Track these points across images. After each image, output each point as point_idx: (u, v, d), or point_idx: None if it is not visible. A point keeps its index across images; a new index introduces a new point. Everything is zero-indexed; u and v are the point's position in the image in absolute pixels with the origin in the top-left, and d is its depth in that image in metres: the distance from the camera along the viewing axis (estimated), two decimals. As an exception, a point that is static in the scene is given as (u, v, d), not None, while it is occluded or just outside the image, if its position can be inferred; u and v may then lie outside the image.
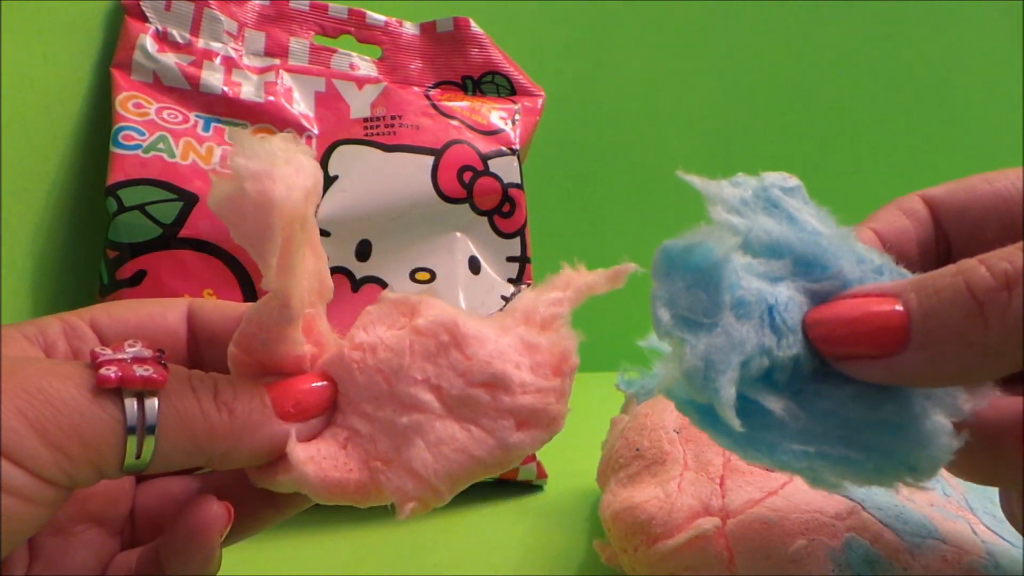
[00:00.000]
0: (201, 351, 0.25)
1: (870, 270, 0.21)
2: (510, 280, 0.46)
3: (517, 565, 0.36)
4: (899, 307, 0.19)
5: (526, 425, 0.23)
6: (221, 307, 0.26)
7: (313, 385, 0.23)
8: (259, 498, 0.25)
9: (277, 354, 0.23)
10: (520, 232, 0.46)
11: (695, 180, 0.22)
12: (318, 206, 0.24)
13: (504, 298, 0.45)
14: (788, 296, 0.20)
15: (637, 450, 0.33)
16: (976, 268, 0.19)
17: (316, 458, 0.23)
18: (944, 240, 0.27)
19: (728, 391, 0.19)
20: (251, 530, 0.25)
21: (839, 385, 0.20)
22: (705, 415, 0.20)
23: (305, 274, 0.23)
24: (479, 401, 0.23)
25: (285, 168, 0.20)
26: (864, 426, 0.20)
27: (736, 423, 0.19)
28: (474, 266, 0.45)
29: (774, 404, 0.20)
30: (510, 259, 0.46)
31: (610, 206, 0.63)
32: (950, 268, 0.19)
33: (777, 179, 0.23)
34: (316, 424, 0.23)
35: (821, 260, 0.21)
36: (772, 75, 0.64)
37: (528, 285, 0.46)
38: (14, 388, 0.19)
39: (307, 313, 0.24)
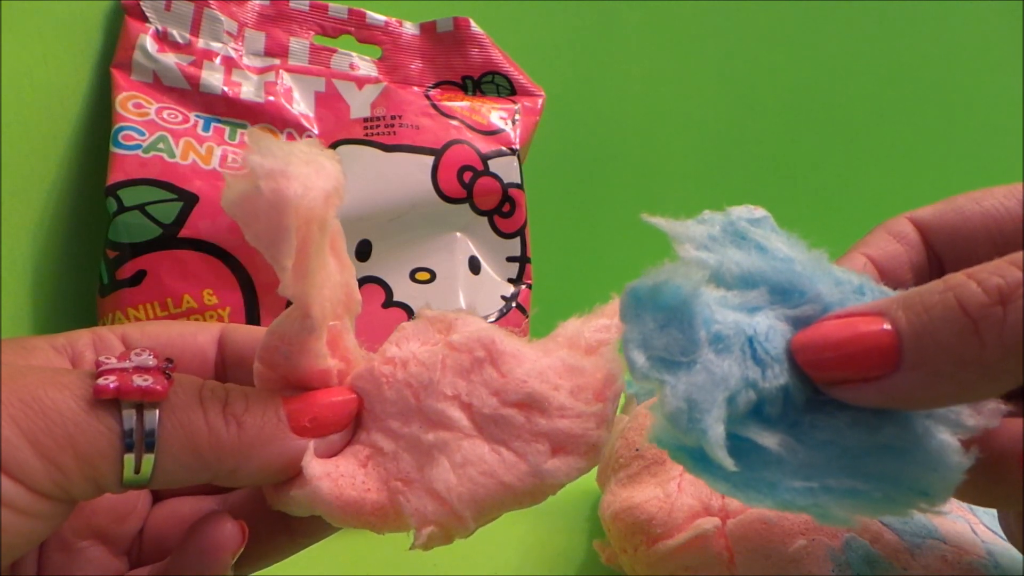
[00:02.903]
0: (229, 374, 0.25)
1: (850, 291, 0.21)
2: (510, 280, 0.46)
3: (517, 565, 0.36)
4: (887, 326, 0.18)
5: (562, 451, 0.21)
6: (253, 332, 0.25)
7: (334, 399, 0.22)
8: (273, 522, 0.23)
9: (300, 368, 0.22)
10: (520, 232, 0.46)
11: (660, 222, 0.21)
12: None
13: (504, 298, 0.45)
14: (768, 325, 0.20)
15: (637, 450, 0.33)
16: (966, 284, 0.18)
17: (333, 475, 0.21)
18: (937, 263, 0.27)
19: (716, 430, 0.18)
20: (263, 558, 0.24)
21: (834, 413, 0.20)
22: (698, 460, 0.19)
23: (327, 283, 0.21)
24: (512, 422, 0.21)
25: (303, 168, 0.19)
26: (866, 453, 0.19)
27: (728, 462, 0.18)
28: (474, 266, 0.45)
29: (768, 440, 0.19)
30: (510, 259, 0.46)
31: (610, 206, 0.63)
32: (937, 284, 0.19)
33: (743, 212, 0.22)
34: (336, 440, 0.22)
35: (797, 285, 0.20)
36: (772, 76, 0.64)
37: (528, 285, 0.47)
38: (9, 396, 0.18)
39: (332, 326, 0.22)
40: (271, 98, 0.43)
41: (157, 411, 0.19)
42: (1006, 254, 0.25)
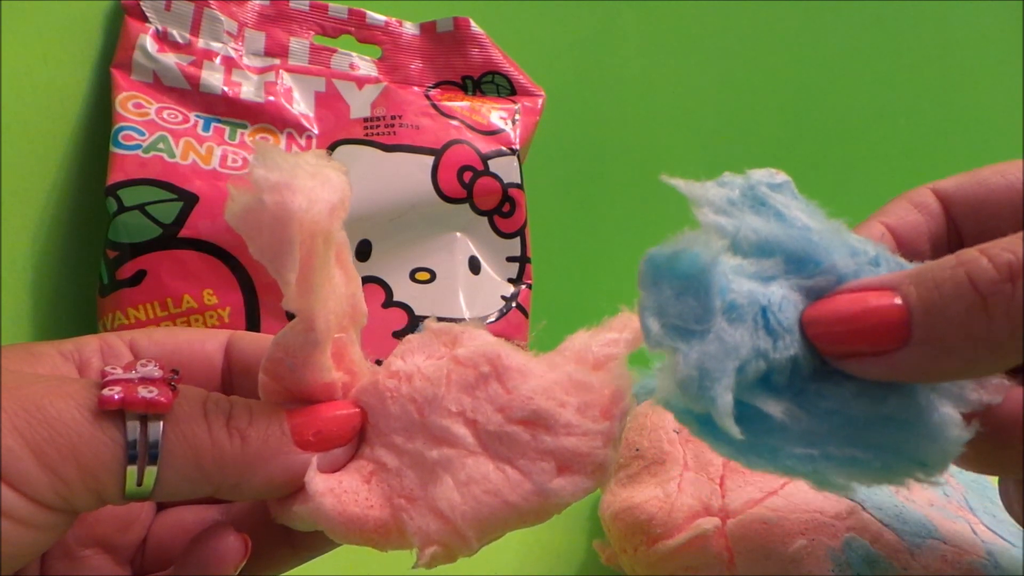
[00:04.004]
0: (235, 382, 0.24)
1: (866, 262, 0.20)
2: (510, 280, 0.46)
3: (517, 565, 0.36)
4: (898, 300, 0.18)
5: (568, 470, 0.21)
6: (259, 339, 0.25)
7: (337, 413, 0.22)
8: (276, 535, 0.23)
9: (305, 381, 0.21)
10: (520, 232, 0.46)
11: (679, 183, 0.21)
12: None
13: (504, 298, 0.45)
14: (782, 295, 0.20)
15: (637, 450, 0.33)
16: (978, 259, 0.18)
17: (336, 490, 0.21)
18: (956, 235, 0.26)
19: (725, 399, 0.18)
20: (265, 570, 0.24)
21: (840, 383, 0.20)
22: (704, 424, 0.19)
23: (332, 296, 0.21)
24: (517, 440, 0.21)
25: (308, 181, 0.19)
26: (869, 423, 0.19)
27: (735, 431, 0.18)
28: (474, 266, 0.45)
29: (774, 408, 0.19)
30: (510, 259, 0.46)
31: (610, 206, 0.63)
32: (949, 259, 0.18)
33: (764, 176, 0.22)
34: (340, 455, 0.22)
35: (813, 255, 0.20)
36: (772, 75, 0.64)
37: (528, 285, 0.47)
38: (13, 406, 0.18)
39: (338, 338, 0.22)
40: (271, 98, 0.43)
41: (161, 423, 0.19)
42: None
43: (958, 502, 0.31)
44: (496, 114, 0.47)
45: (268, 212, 0.18)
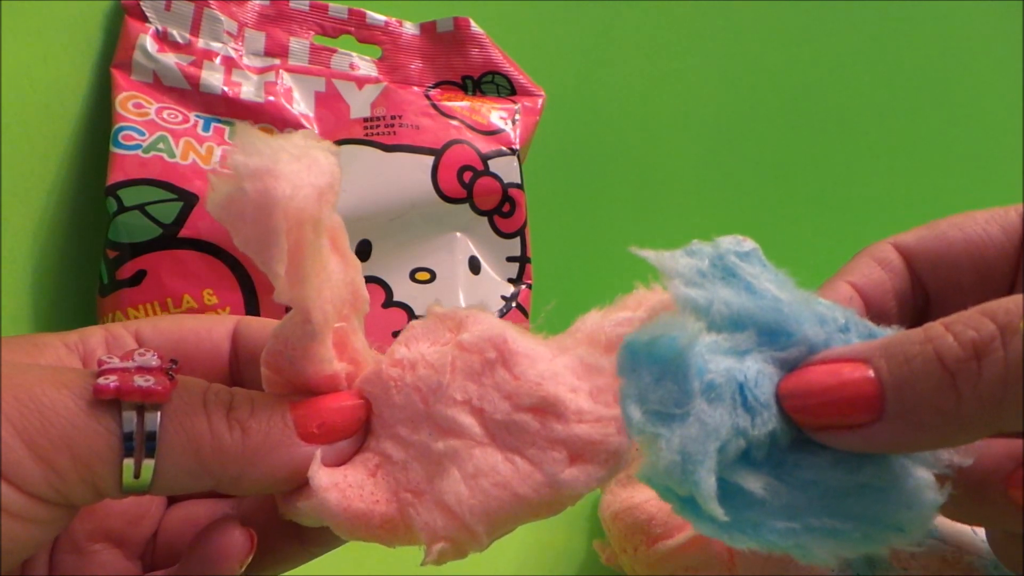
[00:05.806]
0: (243, 369, 0.24)
1: (835, 330, 0.21)
2: (510, 280, 0.46)
3: (517, 565, 0.36)
4: (870, 373, 0.19)
5: (580, 459, 0.20)
6: (267, 325, 0.24)
7: (342, 404, 0.21)
8: (285, 530, 0.23)
9: (305, 373, 0.21)
10: (520, 232, 0.46)
11: (649, 254, 0.21)
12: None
13: (504, 298, 0.45)
14: (757, 370, 0.20)
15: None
16: (943, 336, 0.18)
17: (341, 485, 0.20)
18: (921, 289, 0.27)
19: (708, 482, 0.18)
20: (274, 566, 0.23)
21: (817, 453, 0.20)
22: (686, 504, 0.19)
23: (328, 284, 0.20)
24: (526, 428, 0.20)
25: (292, 165, 0.18)
26: (847, 492, 0.20)
27: (719, 513, 0.18)
28: (474, 266, 0.45)
29: (754, 484, 0.19)
30: (510, 259, 0.46)
31: (610, 206, 0.63)
32: (918, 334, 0.19)
33: (732, 244, 0.22)
34: (345, 447, 0.21)
35: (784, 327, 0.20)
36: (773, 76, 0.64)
37: (528, 285, 0.47)
38: (6, 395, 0.17)
39: (339, 327, 0.21)
40: (271, 98, 0.43)
41: (158, 413, 0.18)
42: (988, 282, 0.25)
43: (958, 502, 0.31)
44: (496, 114, 0.47)
45: (250, 201, 0.17)
